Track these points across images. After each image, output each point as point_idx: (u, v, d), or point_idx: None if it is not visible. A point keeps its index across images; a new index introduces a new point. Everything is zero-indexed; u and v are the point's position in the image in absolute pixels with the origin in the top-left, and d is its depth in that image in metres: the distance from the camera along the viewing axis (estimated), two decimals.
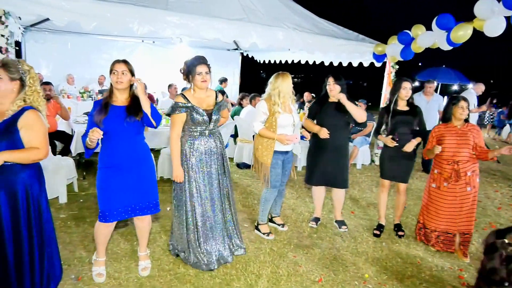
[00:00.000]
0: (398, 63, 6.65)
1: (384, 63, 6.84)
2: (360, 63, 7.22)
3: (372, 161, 7.22)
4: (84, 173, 5.16)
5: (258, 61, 10.44)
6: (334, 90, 3.77)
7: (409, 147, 3.73)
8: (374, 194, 5.40)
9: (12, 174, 2.23)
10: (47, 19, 6.26)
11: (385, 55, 6.52)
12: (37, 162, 2.33)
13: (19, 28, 6.28)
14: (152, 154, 2.96)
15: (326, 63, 7.92)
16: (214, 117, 3.07)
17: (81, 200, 4.37)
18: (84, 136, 2.61)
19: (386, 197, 4.08)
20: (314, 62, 8.26)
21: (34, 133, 2.25)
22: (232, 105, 7.99)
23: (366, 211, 4.72)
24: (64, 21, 3.87)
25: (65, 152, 5.16)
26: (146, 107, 2.68)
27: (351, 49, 6.37)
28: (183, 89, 7.07)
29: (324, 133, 3.75)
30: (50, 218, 2.50)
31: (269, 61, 9.94)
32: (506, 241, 1.76)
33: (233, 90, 10.33)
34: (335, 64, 7.70)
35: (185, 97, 3.01)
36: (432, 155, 3.59)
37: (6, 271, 2.29)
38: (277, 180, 3.67)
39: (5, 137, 2.18)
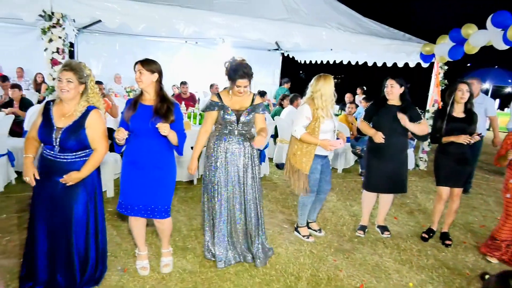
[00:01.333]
0: (446, 63, 6.36)
1: (432, 64, 6.56)
2: (406, 64, 6.98)
3: (417, 165, 6.95)
4: None
5: (299, 61, 10.37)
6: (392, 93, 3.65)
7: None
8: (418, 200, 5.19)
9: (76, 168, 2.47)
10: (99, 21, 6.59)
11: (433, 55, 6.26)
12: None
13: (73, 30, 6.65)
14: (175, 158, 2.91)
15: (370, 64, 7.74)
16: (242, 119, 3.05)
17: (103, 205, 4.52)
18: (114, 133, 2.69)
19: (443, 206, 3.88)
20: (357, 62, 8.10)
21: (96, 132, 2.50)
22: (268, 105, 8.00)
23: (409, 217, 4.55)
24: (116, 23, 4.04)
25: (113, 148, 5.38)
26: (174, 141, 2.73)
27: (397, 49, 6.17)
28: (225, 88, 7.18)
29: (379, 138, 3.62)
30: (103, 210, 2.72)
31: (310, 61, 9.85)
32: None
33: (272, 90, 10.33)
34: (379, 64, 7.51)
35: (219, 96, 3.08)
36: (505, 162, 3.37)
37: (72, 257, 2.55)
38: (315, 185, 3.60)
39: (75, 135, 2.43)
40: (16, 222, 3.67)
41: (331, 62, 9.08)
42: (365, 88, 8.90)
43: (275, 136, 6.64)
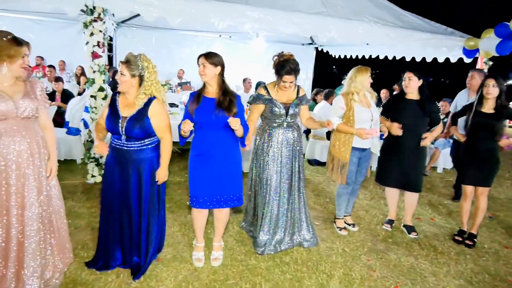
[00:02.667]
0: (491, 59, 6.02)
1: (475, 59, 6.24)
2: (447, 59, 6.68)
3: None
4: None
5: (333, 56, 10.17)
6: (409, 87, 3.56)
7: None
8: (456, 201, 4.97)
9: (143, 155, 2.66)
10: (136, 16, 6.74)
11: (477, 50, 5.94)
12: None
13: (112, 24, 6.83)
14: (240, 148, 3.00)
15: (408, 58, 7.46)
16: (291, 111, 3.18)
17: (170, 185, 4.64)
18: (180, 125, 2.73)
19: (469, 205, 3.74)
20: (394, 57, 7.84)
21: (160, 121, 2.63)
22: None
23: (447, 219, 4.37)
24: (153, 17, 4.10)
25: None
26: (239, 133, 2.79)
27: (437, 44, 5.90)
28: (258, 83, 7.17)
29: (395, 129, 3.57)
30: (164, 194, 2.92)
31: (345, 56, 9.63)
32: None
33: (305, 85, 10.20)
34: (418, 59, 7.21)
35: (266, 90, 3.19)
36: None
37: (140, 237, 2.75)
38: (350, 177, 3.59)
39: (140, 124, 2.57)
40: None
41: (366, 57, 8.84)
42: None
43: (307, 131, 6.57)
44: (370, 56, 8.65)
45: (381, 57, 8.19)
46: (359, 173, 3.68)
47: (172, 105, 6.48)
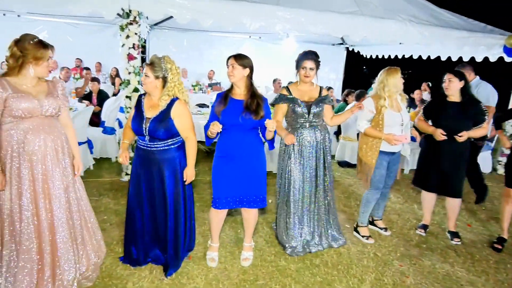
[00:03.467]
0: None
1: None
2: (486, 58, 6.40)
3: (494, 169, 6.38)
4: None
5: (364, 56, 9.98)
6: (450, 89, 3.44)
7: None
8: (496, 207, 4.76)
9: (167, 155, 2.69)
10: (169, 18, 6.87)
11: None
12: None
13: (146, 27, 7.02)
14: (265, 150, 3.01)
15: (443, 58, 7.21)
16: (313, 110, 3.14)
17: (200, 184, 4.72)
18: (207, 126, 2.77)
19: (511, 209, 3.57)
20: (429, 57, 7.60)
21: (184, 122, 2.66)
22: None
23: (485, 225, 4.19)
24: (186, 19, 4.18)
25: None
26: (270, 136, 2.81)
27: (475, 42, 5.66)
28: (289, 83, 7.15)
29: (439, 135, 3.44)
30: (192, 192, 2.96)
31: (377, 56, 9.43)
32: None
33: (336, 86, 10.08)
34: (454, 59, 6.95)
35: (288, 90, 3.22)
36: None
37: (166, 235, 2.79)
38: (380, 182, 3.49)
39: (163, 125, 2.60)
40: (94, 205, 3.93)
41: (399, 57, 8.61)
42: (430, 84, 8.35)
43: (338, 133, 6.48)
44: (403, 56, 8.42)
45: (415, 57, 7.96)
46: (388, 177, 3.57)
47: (202, 105, 6.57)
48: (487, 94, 4.45)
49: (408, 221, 4.14)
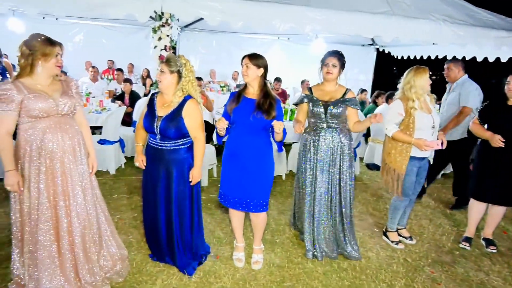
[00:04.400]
0: None
1: None
2: None
3: None
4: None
5: (395, 57, 9.75)
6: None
7: None
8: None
9: (176, 155, 2.70)
10: (199, 20, 6.98)
11: None
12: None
13: (177, 29, 7.16)
14: (273, 152, 2.94)
15: (479, 59, 6.94)
16: (330, 110, 3.04)
17: (219, 185, 4.76)
18: None
19: None
20: (464, 57, 7.33)
21: (194, 121, 2.66)
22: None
23: None
24: (217, 21, 4.23)
25: (208, 140, 5.70)
26: (279, 137, 2.79)
27: None
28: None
29: (496, 141, 3.25)
30: (200, 193, 2.94)
31: (408, 56, 9.19)
32: None
33: (365, 87, 9.91)
34: (491, 59, 6.68)
35: (310, 90, 3.22)
36: None
37: (172, 235, 2.81)
38: (410, 189, 3.36)
39: (174, 124, 2.61)
40: (125, 203, 4.10)
41: (432, 57, 8.36)
42: None
43: (366, 135, 6.38)
44: (437, 56, 8.17)
45: (449, 57, 7.70)
46: (418, 184, 3.44)
47: None
48: (467, 94, 4.23)
49: (440, 227, 4.02)
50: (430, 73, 3.31)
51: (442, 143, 3.18)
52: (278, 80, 7.64)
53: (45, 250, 2.34)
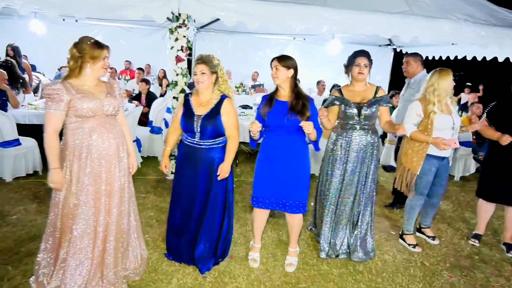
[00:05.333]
0: None
1: None
2: None
3: None
4: (237, 161, 5.63)
5: None
6: None
7: None
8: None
9: (213, 154, 2.78)
10: (215, 21, 7.02)
11: None
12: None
13: (193, 29, 7.22)
14: (309, 153, 2.96)
15: (501, 59, 6.76)
16: (364, 112, 3.03)
17: (233, 186, 4.78)
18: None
19: None
20: (484, 58, 7.16)
21: (231, 119, 2.75)
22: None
23: None
24: (233, 21, 4.24)
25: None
26: (313, 137, 2.77)
27: None
28: (333, 86, 7.07)
29: (505, 140, 3.23)
30: (232, 193, 3.02)
31: (426, 57, 9.02)
32: None
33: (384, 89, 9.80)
34: None
35: (340, 91, 3.17)
36: None
37: (206, 233, 2.87)
38: (426, 188, 3.34)
39: (213, 122, 2.69)
40: (141, 202, 4.14)
41: (451, 58, 8.19)
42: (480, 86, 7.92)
43: (383, 136, 6.29)
44: (456, 56, 8.00)
45: (469, 58, 7.54)
46: (440, 185, 3.40)
47: (245, 107, 6.64)
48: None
49: (458, 231, 3.93)
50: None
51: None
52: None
53: (82, 249, 2.38)
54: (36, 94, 6.42)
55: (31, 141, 4.73)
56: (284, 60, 2.73)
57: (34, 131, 4.78)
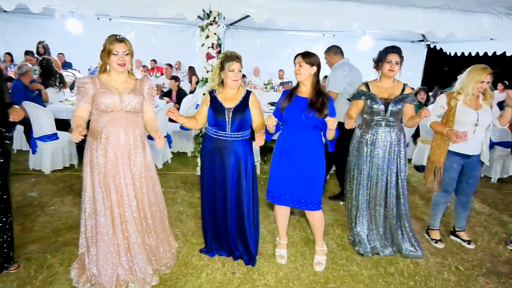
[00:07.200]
0: None
1: None
2: None
3: None
4: (265, 158, 5.63)
5: (448, 54, 9.24)
6: None
7: None
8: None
9: (240, 146, 2.83)
10: (244, 18, 7.03)
11: None
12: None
13: (223, 27, 7.26)
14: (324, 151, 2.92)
15: None
16: (391, 108, 3.01)
17: (262, 183, 4.78)
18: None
19: None
20: None
21: (258, 111, 2.86)
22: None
23: None
24: (263, 18, 4.24)
25: (252, 137, 5.74)
26: (331, 136, 2.74)
27: None
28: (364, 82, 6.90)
29: None
30: (257, 188, 3.02)
31: (462, 53, 8.67)
32: None
33: (414, 85, 9.51)
34: None
35: (367, 86, 3.14)
36: None
37: (240, 228, 2.92)
38: (449, 185, 3.28)
39: (243, 115, 2.78)
40: (171, 196, 4.22)
41: (489, 54, 7.84)
42: (507, 83, 7.54)
43: (415, 135, 6.11)
44: (494, 52, 7.64)
45: (508, 54, 7.19)
46: (467, 184, 3.31)
47: (273, 104, 6.62)
48: (334, 79, 4.00)
49: (496, 235, 3.77)
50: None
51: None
52: (326, 77, 7.54)
53: (103, 241, 2.47)
54: (72, 91, 6.66)
55: (68, 135, 4.91)
56: (308, 57, 2.71)
57: (70, 126, 4.96)
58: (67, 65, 7.92)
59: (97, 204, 2.46)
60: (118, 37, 2.44)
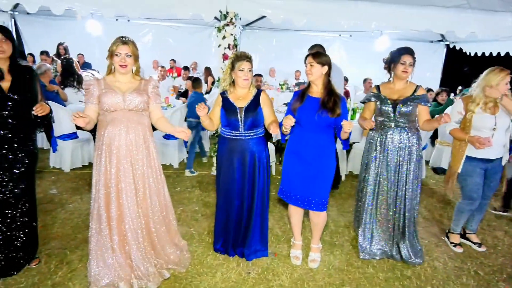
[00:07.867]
0: None
1: None
2: None
3: None
4: (281, 158, 5.62)
5: (468, 54, 9.04)
6: None
7: None
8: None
9: (255, 144, 2.87)
10: (260, 19, 7.03)
11: None
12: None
13: (239, 27, 7.28)
14: (336, 153, 2.92)
15: None
16: (399, 109, 2.95)
17: (277, 183, 4.76)
18: (281, 123, 2.78)
19: None
20: None
21: (270, 109, 2.90)
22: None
23: None
24: (280, 19, 4.23)
25: (267, 138, 5.74)
26: (345, 135, 2.74)
27: None
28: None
29: None
30: (269, 187, 3.05)
31: (483, 53, 8.47)
32: None
33: (433, 86, 9.33)
34: None
35: (378, 88, 3.12)
36: None
37: (253, 226, 2.97)
38: (474, 191, 3.18)
39: (253, 112, 2.80)
40: (187, 196, 4.27)
41: (511, 54, 7.64)
42: None
43: (433, 137, 6.00)
44: None
45: None
46: (488, 186, 3.24)
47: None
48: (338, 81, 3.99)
49: None
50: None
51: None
52: (345, 79, 7.46)
53: (100, 232, 2.54)
54: None
55: (86, 134, 5.01)
56: (319, 57, 2.71)
57: None
58: (86, 66, 8.07)
59: (99, 202, 2.53)
60: (123, 39, 2.50)
